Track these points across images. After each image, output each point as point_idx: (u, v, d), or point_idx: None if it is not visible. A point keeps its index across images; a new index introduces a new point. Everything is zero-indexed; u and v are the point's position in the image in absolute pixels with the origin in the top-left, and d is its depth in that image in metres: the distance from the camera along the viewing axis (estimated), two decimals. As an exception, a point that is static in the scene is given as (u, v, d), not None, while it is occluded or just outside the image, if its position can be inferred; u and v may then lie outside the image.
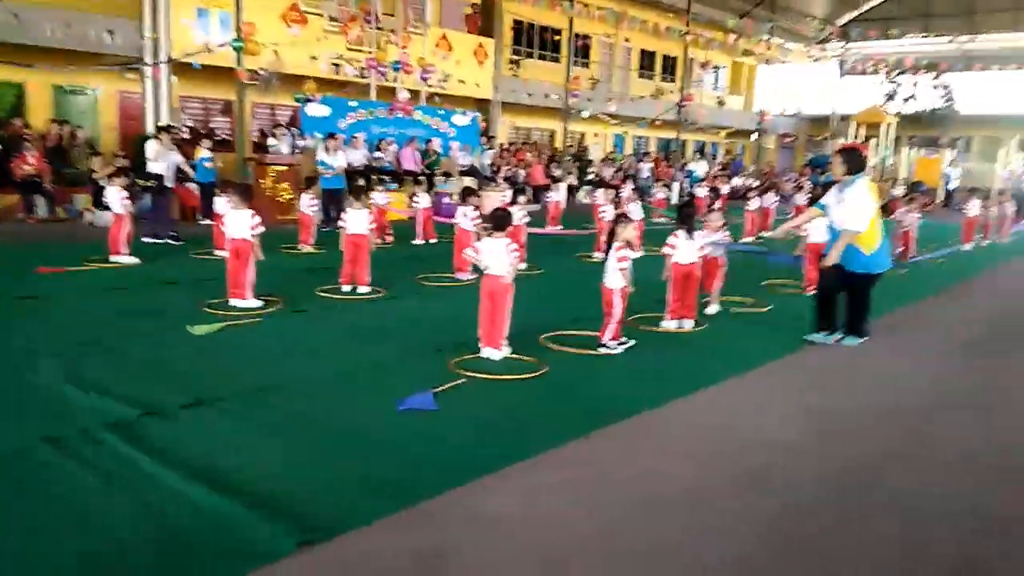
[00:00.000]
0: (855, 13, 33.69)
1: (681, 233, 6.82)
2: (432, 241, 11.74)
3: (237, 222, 7.01)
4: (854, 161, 6.23)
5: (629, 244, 6.07)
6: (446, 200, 15.57)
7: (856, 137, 26.81)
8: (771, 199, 15.76)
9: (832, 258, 6.14)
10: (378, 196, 11.69)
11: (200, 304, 6.84)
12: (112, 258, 8.83)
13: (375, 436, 4.11)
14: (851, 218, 6.02)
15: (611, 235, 6.05)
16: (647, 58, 29.75)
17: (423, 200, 12.09)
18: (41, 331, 5.92)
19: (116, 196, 8.91)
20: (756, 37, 28.76)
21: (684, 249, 6.80)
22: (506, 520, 3.25)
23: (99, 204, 12.43)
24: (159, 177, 10.60)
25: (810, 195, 16.68)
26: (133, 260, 8.89)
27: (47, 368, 4.94)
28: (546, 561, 2.95)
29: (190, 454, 3.71)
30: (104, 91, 15.95)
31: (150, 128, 14.55)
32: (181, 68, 14.58)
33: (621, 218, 6.17)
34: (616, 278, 5.89)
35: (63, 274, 8.12)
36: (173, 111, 15.07)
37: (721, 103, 32.79)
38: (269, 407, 4.47)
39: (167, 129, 11.42)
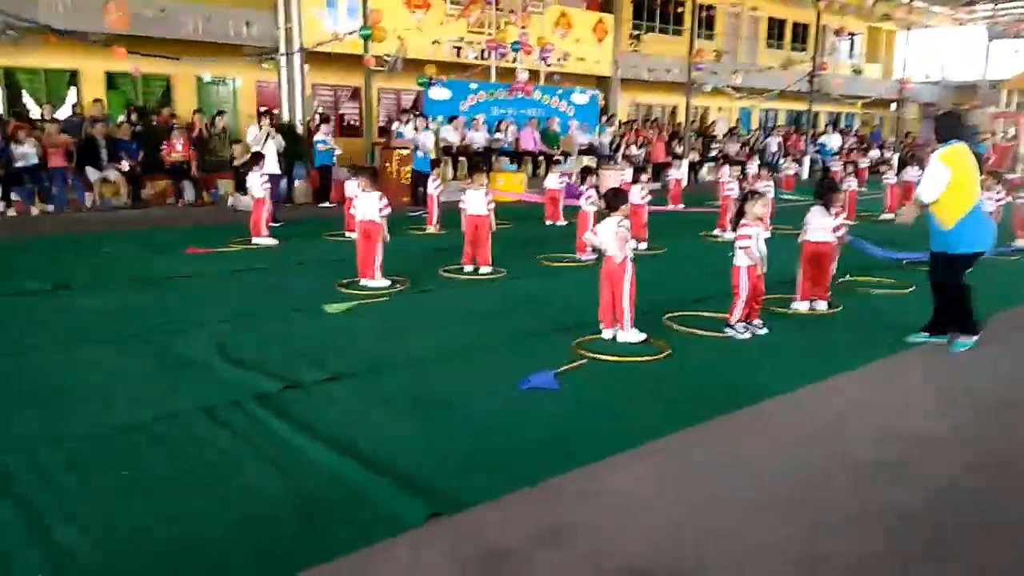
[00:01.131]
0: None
1: (817, 209, 6.51)
2: (560, 223, 11.67)
3: (366, 204, 7.27)
4: (945, 127, 5.57)
5: (760, 220, 5.86)
6: (544, 183, 15.58)
7: (1008, 105, 24.68)
8: (914, 172, 14.74)
9: (902, 217, 5.67)
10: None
11: (334, 284, 7.16)
12: (254, 240, 9.39)
13: (499, 414, 4.19)
14: (920, 186, 5.52)
15: (739, 212, 5.85)
16: (776, 27, 28.44)
17: (551, 181, 12.08)
18: (191, 307, 6.39)
19: (256, 181, 9.44)
20: (896, 0, 26.87)
21: (817, 226, 6.49)
22: (625, 502, 3.24)
23: (240, 189, 13.23)
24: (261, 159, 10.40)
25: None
26: (272, 241, 9.43)
27: (197, 341, 5.33)
28: (664, 547, 2.92)
29: (327, 426, 3.91)
30: (243, 81, 16.89)
31: (286, 115, 15.34)
32: (313, 56, 15.22)
33: (751, 195, 5.95)
34: (740, 256, 5.70)
35: (210, 254, 8.71)
36: (306, 98, 15.79)
37: (857, 72, 30.96)
38: (398, 383, 4.64)
39: (268, 114, 11.84)
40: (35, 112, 14.27)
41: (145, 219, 11.77)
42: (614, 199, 5.73)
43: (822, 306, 6.56)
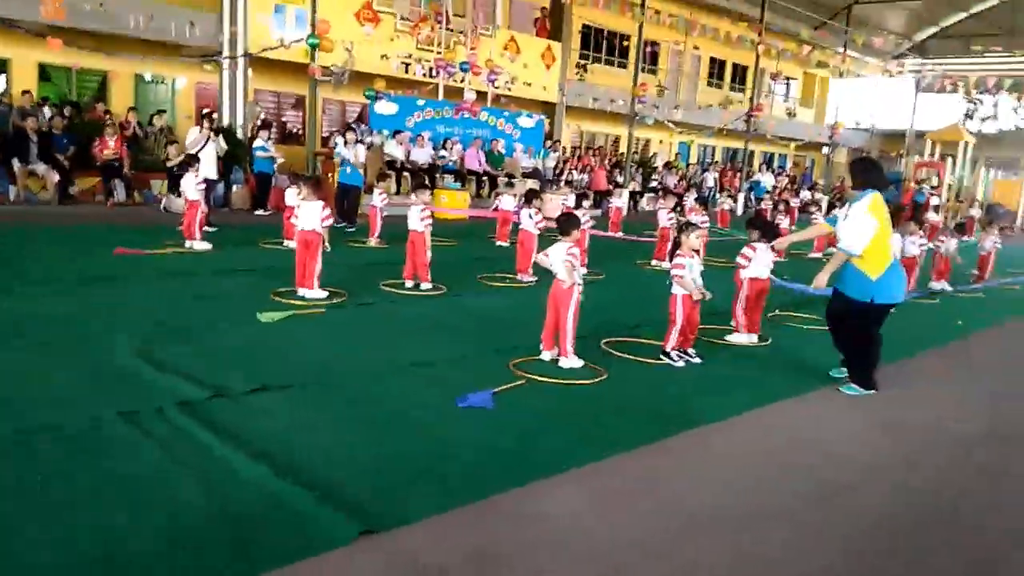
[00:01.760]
0: (934, 29, 32.65)
1: (762, 247, 6.69)
2: (506, 244, 11.69)
3: (308, 213, 7.14)
4: (865, 173, 5.39)
5: (695, 252, 5.98)
6: (498, 203, 15.66)
7: (932, 155, 25.97)
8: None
9: (819, 280, 5.47)
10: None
11: (269, 292, 6.99)
12: (187, 243, 9.11)
13: (434, 431, 4.13)
14: (847, 237, 5.28)
15: (675, 243, 5.97)
16: (716, 66, 29.36)
17: (505, 202, 12.14)
18: (117, 310, 6.13)
19: (191, 183, 9.18)
20: (831, 49, 28.09)
21: (761, 263, 6.68)
22: (561, 524, 3.23)
23: (174, 190, 12.85)
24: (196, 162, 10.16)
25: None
26: (206, 246, 9.16)
27: (123, 345, 5.12)
28: (599, 570, 2.91)
29: (256, 438, 3.78)
30: (182, 82, 16.48)
31: (226, 119, 15.02)
32: (256, 62, 14.98)
33: (687, 226, 6.07)
34: (676, 286, 5.81)
35: (139, 256, 8.40)
36: (248, 104, 15.51)
37: (791, 115, 32.16)
38: (331, 396, 4.54)
39: (208, 116, 11.50)
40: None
41: (73, 216, 11.31)
42: (566, 224, 5.73)
43: (754, 339, 6.72)
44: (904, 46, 31.74)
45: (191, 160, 9.51)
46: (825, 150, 31.64)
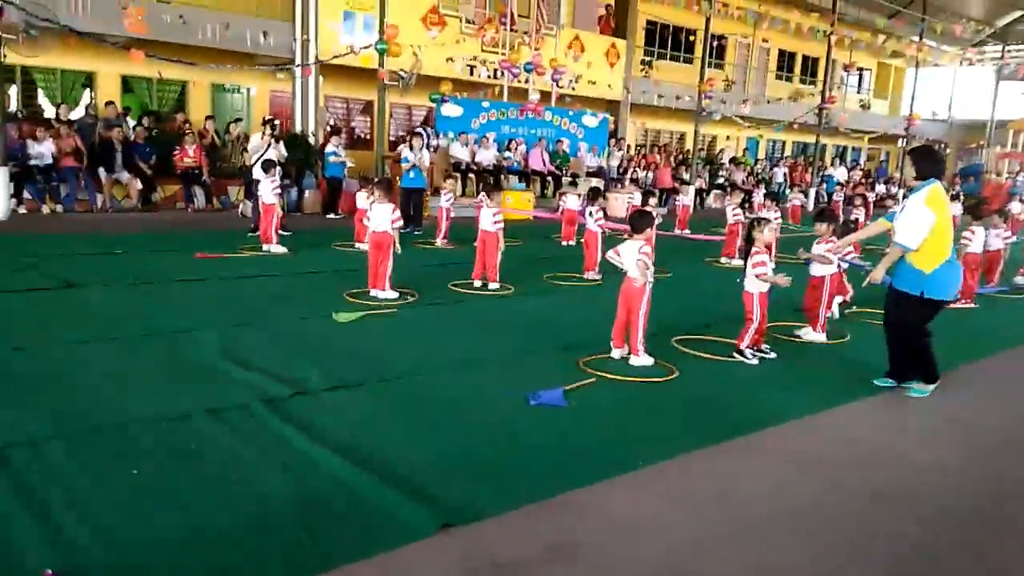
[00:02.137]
0: (1017, 14, 31.13)
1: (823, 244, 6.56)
2: (572, 243, 11.73)
3: (379, 215, 7.31)
4: (924, 164, 5.15)
5: (767, 248, 5.89)
6: (563, 203, 15.67)
7: (1014, 145, 24.82)
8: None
9: (875, 274, 5.22)
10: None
11: (343, 293, 7.18)
12: (264, 246, 9.42)
13: (507, 427, 4.19)
14: (902, 230, 5.06)
15: (748, 239, 5.88)
16: (786, 59, 28.69)
17: (570, 201, 12.17)
18: (199, 310, 6.40)
19: (268, 187, 9.48)
20: (906, 38, 27.11)
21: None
22: (634, 522, 3.24)
23: (250, 196, 13.28)
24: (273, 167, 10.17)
25: (962, 205, 15.68)
26: (283, 249, 9.45)
27: (207, 344, 5.34)
28: (671, 568, 2.91)
29: (336, 433, 3.91)
30: (257, 90, 17.02)
31: (298, 126, 15.45)
32: (327, 69, 15.35)
33: (759, 222, 5.98)
34: (754, 283, 5.73)
35: (219, 260, 8.74)
36: (318, 110, 15.91)
37: (865, 107, 31.18)
38: (406, 393, 4.65)
39: (270, 123, 11.53)
40: (49, 111, 14.38)
41: (155, 223, 11.82)
42: (639, 221, 5.71)
43: (823, 337, 6.57)
44: (984, 33, 30.34)
45: (268, 167, 9.74)
46: (901, 143, 30.54)
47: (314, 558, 2.79)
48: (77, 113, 14.13)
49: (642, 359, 5.46)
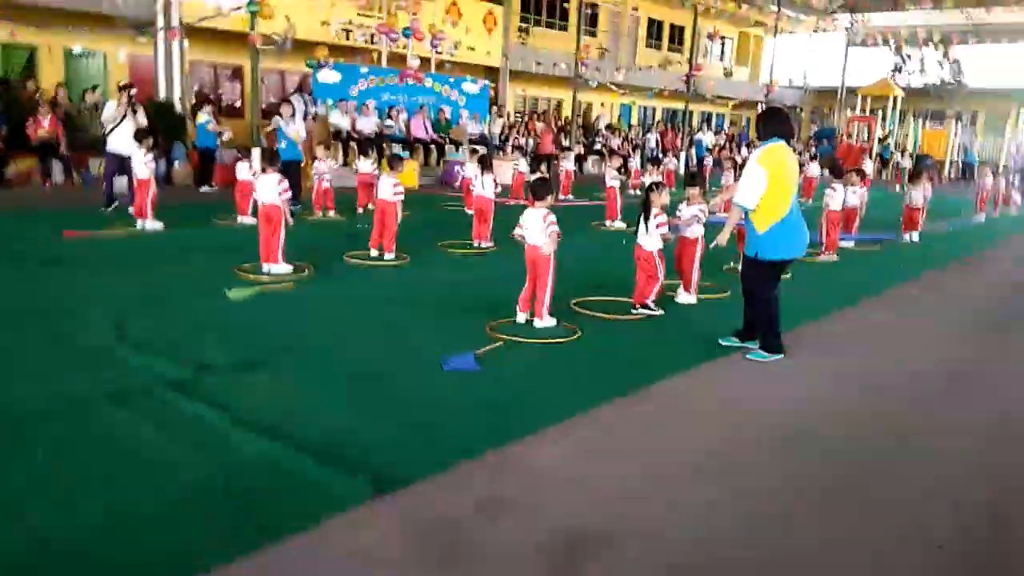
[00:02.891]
0: (867, -17, 33.34)
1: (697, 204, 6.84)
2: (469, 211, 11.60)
3: (266, 187, 7.07)
4: (767, 125, 5.16)
5: (664, 209, 6.17)
6: (456, 168, 15.64)
7: (863, 110, 26.77)
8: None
9: (721, 238, 5.23)
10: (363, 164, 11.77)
11: (232, 269, 6.93)
12: (138, 222, 8.89)
13: (423, 393, 4.24)
14: (739, 190, 5.08)
15: (646, 203, 6.13)
16: (655, 27, 29.53)
17: (469, 171, 12.05)
18: (82, 293, 6.02)
19: (141, 160, 8.94)
20: (767, 8, 28.51)
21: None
22: (559, 476, 3.39)
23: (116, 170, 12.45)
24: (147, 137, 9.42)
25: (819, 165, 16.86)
26: (158, 225, 8.94)
27: (96, 328, 5.06)
28: (603, 514, 3.09)
29: (249, 411, 3.83)
30: (114, 55, 15.86)
31: (163, 93, 14.57)
32: (193, 32, 14.51)
33: (657, 186, 6.25)
34: (656, 241, 6.02)
35: (88, 238, 8.19)
36: (184, 76, 15.05)
37: (728, 74, 32.61)
38: (316, 366, 4.60)
39: (127, 89, 10.48)
40: None
41: (10, 199, 10.89)
42: (540, 188, 5.81)
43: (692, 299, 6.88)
44: (836, 2, 32.34)
45: (141, 137, 9.12)
46: (760, 108, 32.27)
47: (251, 534, 2.76)
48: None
49: (546, 321, 5.63)
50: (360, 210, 10.97)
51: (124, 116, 10.08)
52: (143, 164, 8.92)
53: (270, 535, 2.75)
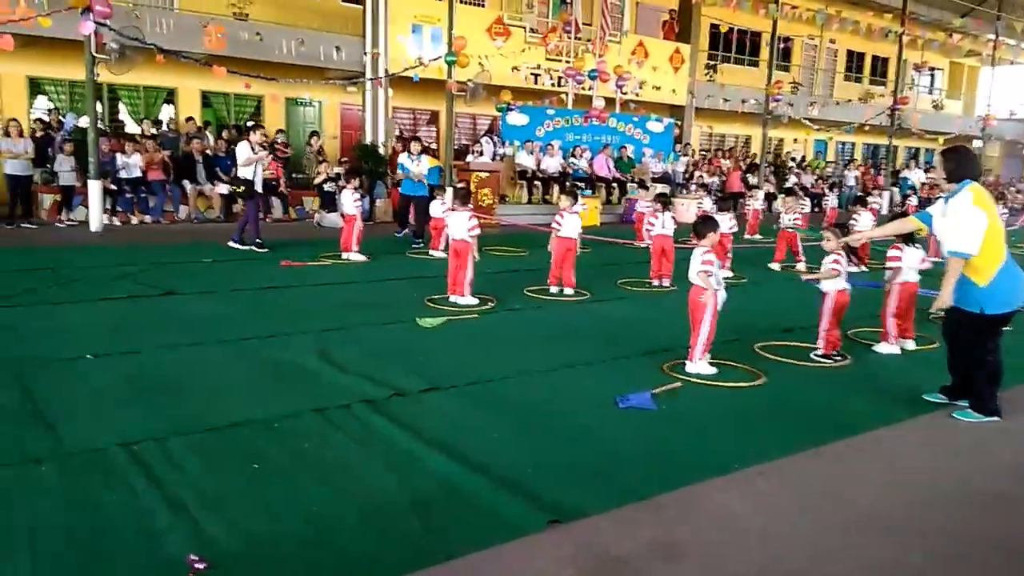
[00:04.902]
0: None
1: (908, 248, 6.33)
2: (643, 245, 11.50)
3: (457, 224, 7.48)
4: (957, 165, 4.70)
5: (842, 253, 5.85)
6: (637, 206, 15.65)
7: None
8: (999, 210, 14.31)
9: (943, 299, 4.61)
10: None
11: (424, 299, 7.37)
12: (344, 255, 9.71)
13: (598, 429, 4.27)
14: (954, 238, 4.56)
15: (850, 249, 5.82)
16: (855, 60, 28.08)
17: (641, 205, 12.07)
18: (291, 316, 6.65)
19: (350, 198, 9.77)
20: (982, 36, 26.24)
21: (911, 265, 6.32)
22: (734, 522, 3.28)
23: (325, 206, 13.70)
24: (249, 183, 10.20)
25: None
26: (362, 257, 9.72)
27: (303, 349, 5.57)
28: (783, 569, 2.95)
29: (435, 432, 4.05)
30: (328, 103, 17.51)
31: (368, 137, 15.83)
32: (395, 81, 15.71)
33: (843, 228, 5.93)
34: (828, 284, 5.76)
35: (302, 268, 9.05)
36: (388, 121, 16.28)
37: (938, 107, 30.26)
38: (497, 395, 4.77)
39: (254, 130, 10.71)
40: (131, 126, 15.09)
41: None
42: (702, 227, 5.67)
43: (911, 345, 6.42)
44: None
45: (350, 175, 9.87)
46: (976, 144, 29.54)
47: (431, 550, 2.92)
48: (159, 127, 14.77)
49: (698, 366, 5.40)
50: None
51: (258, 161, 10.22)
52: (351, 202, 9.73)
53: (449, 552, 2.89)
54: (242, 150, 10.14)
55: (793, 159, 23.93)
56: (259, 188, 10.41)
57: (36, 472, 3.44)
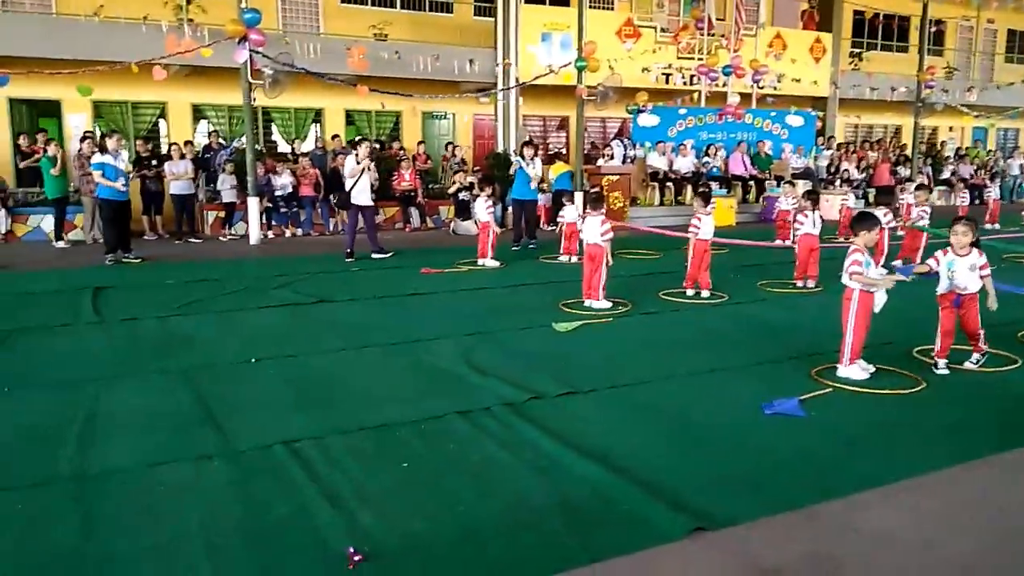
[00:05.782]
0: None
1: None
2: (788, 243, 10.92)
3: (591, 228, 7.50)
4: None
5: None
6: (776, 204, 15.05)
7: None
8: None
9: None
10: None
11: (558, 303, 7.44)
12: (479, 261, 9.97)
13: (745, 436, 4.16)
14: None
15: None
16: (1017, 39, 25.76)
17: (784, 203, 11.74)
18: (433, 322, 6.90)
19: (483, 206, 10.02)
20: None
21: None
22: (895, 539, 3.10)
23: (460, 215, 14.10)
24: (346, 194, 10.49)
25: None
26: (497, 264, 9.95)
27: (445, 353, 5.77)
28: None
29: (576, 436, 4.08)
30: (461, 115, 18.00)
31: (500, 146, 16.13)
32: (525, 89, 15.93)
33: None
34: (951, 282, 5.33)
35: (442, 274, 9.36)
36: (518, 129, 16.53)
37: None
38: (638, 400, 4.74)
39: (360, 143, 10.83)
40: (282, 146, 16.12)
41: (381, 242, 12.80)
42: (856, 224, 5.45)
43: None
44: None
45: (484, 183, 10.18)
46: None
47: (574, 553, 2.95)
48: (307, 146, 15.71)
49: (849, 370, 5.13)
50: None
51: (363, 171, 10.33)
52: (484, 210, 9.97)
53: (594, 555, 2.91)
54: (348, 163, 10.50)
55: (958, 152, 22.23)
56: (360, 200, 10.53)
57: (208, 467, 3.76)
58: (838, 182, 17.48)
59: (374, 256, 10.68)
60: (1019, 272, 5.52)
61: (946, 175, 20.35)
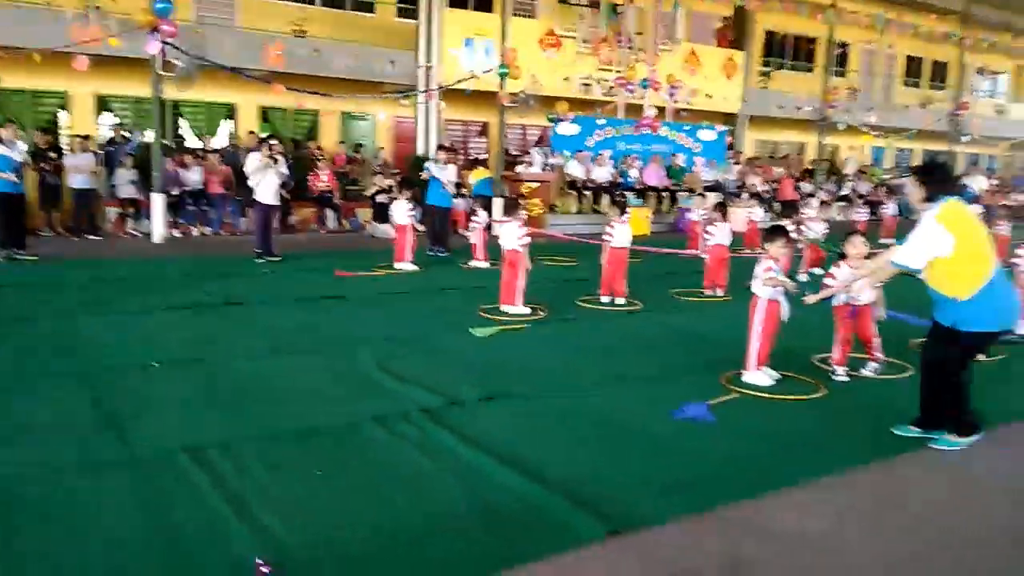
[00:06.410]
0: None
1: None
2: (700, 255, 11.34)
3: (508, 234, 7.52)
4: (933, 182, 4.30)
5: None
6: (687, 215, 15.49)
7: None
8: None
9: (855, 287, 4.98)
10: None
11: (476, 309, 7.42)
12: (397, 265, 9.85)
13: (658, 440, 4.24)
14: (903, 247, 4.27)
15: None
16: (914, 65, 27.38)
17: (695, 215, 12.04)
18: (350, 325, 6.77)
19: (402, 209, 9.91)
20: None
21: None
22: (805, 540, 3.22)
23: (377, 217, 13.91)
24: (250, 191, 10.30)
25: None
26: (414, 267, 9.85)
27: (362, 357, 5.66)
28: (854, 582, 2.89)
29: (493, 442, 4.08)
30: (381, 117, 17.78)
31: (420, 149, 16.02)
32: (447, 93, 15.88)
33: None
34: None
35: (358, 278, 9.20)
36: (439, 133, 16.47)
37: (1001, 112, 29.29)
38: (554, 405, 4.77)
39: (265, 141, 10.68)
40: (191, 142, 15.54)
41: (293, 243, 12.51)
42: (768, 236, 5.65)
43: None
44: None
45: (403, 186, 10.03)
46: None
47: (496, 558, 2.93)
48: (220, 142, 15.20)
49: (755, 376, 5.33)
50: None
51: (266, 168, 10.09)
52: (403, 213, 9.86)
53: (515, 560, 2.91)
54: (250, 161, 10.26)
55: (859, 170, 23.37)
56: (265, 199, 10.25)
57: (107, 476, 3.56)
58: (745, 195, 18.11)
59: (256, 260, 10.16)
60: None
61: (845, 191, 21.35)
